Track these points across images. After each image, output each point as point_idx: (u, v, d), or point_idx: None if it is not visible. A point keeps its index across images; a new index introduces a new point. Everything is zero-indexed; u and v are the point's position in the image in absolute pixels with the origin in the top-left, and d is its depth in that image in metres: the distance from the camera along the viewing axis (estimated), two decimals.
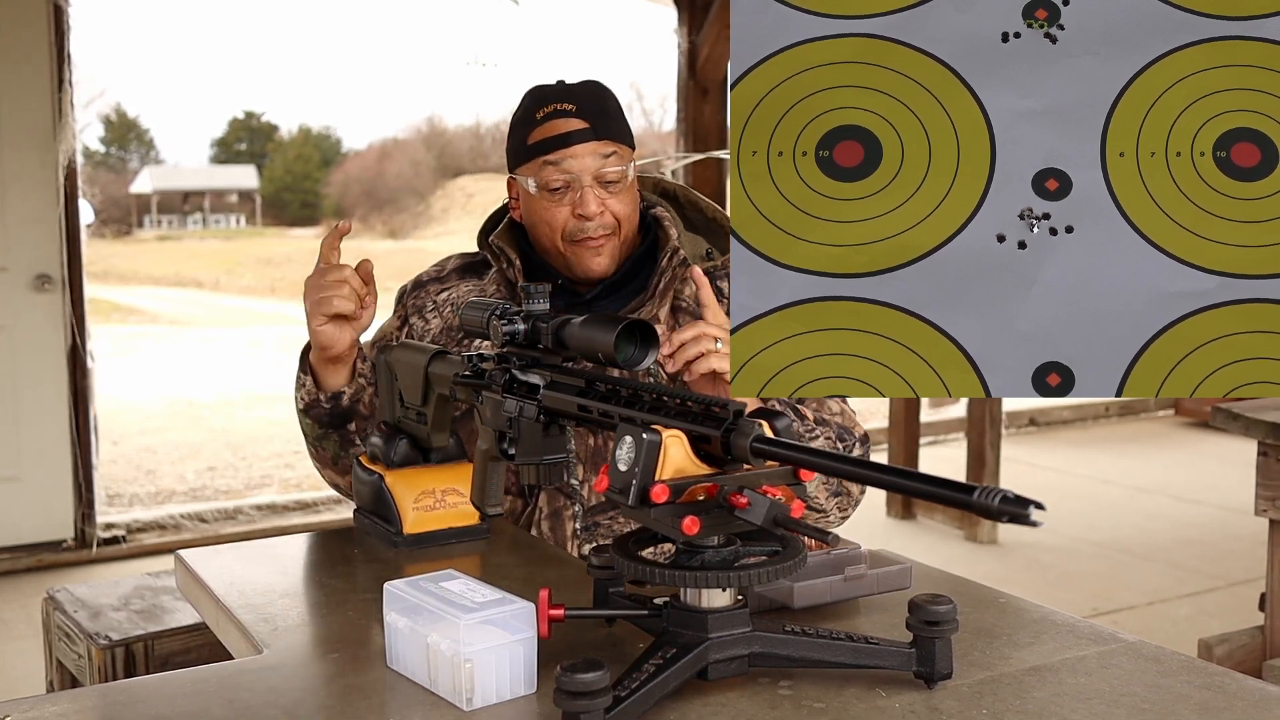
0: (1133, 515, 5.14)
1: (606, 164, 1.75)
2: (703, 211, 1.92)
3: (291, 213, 48.14)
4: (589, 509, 1.75)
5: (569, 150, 1.74)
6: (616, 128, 1.77)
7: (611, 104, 1.79)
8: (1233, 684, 1.11)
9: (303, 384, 1.80)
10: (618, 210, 1.77)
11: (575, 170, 1.74)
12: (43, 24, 4.34)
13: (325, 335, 1.71)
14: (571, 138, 1.74)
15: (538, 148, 1.76)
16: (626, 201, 1.78)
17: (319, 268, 1.71)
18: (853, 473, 0.97)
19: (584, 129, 1.74)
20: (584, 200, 1.74)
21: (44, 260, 4.42)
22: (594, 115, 1.76)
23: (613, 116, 1.78)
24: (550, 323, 1.34)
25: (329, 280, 1.68)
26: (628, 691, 1.01)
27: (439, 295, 1.91)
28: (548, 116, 1.76)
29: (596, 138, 1.74)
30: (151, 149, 56.23)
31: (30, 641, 3.66)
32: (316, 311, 1.69)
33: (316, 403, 1.78)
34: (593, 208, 1.74)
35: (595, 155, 1.74)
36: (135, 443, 7.82)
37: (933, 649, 1.10)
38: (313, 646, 1.25)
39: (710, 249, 1.87)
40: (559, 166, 1.74)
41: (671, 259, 1.80)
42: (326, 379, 1.78)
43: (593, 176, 1.74)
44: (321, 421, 1.80)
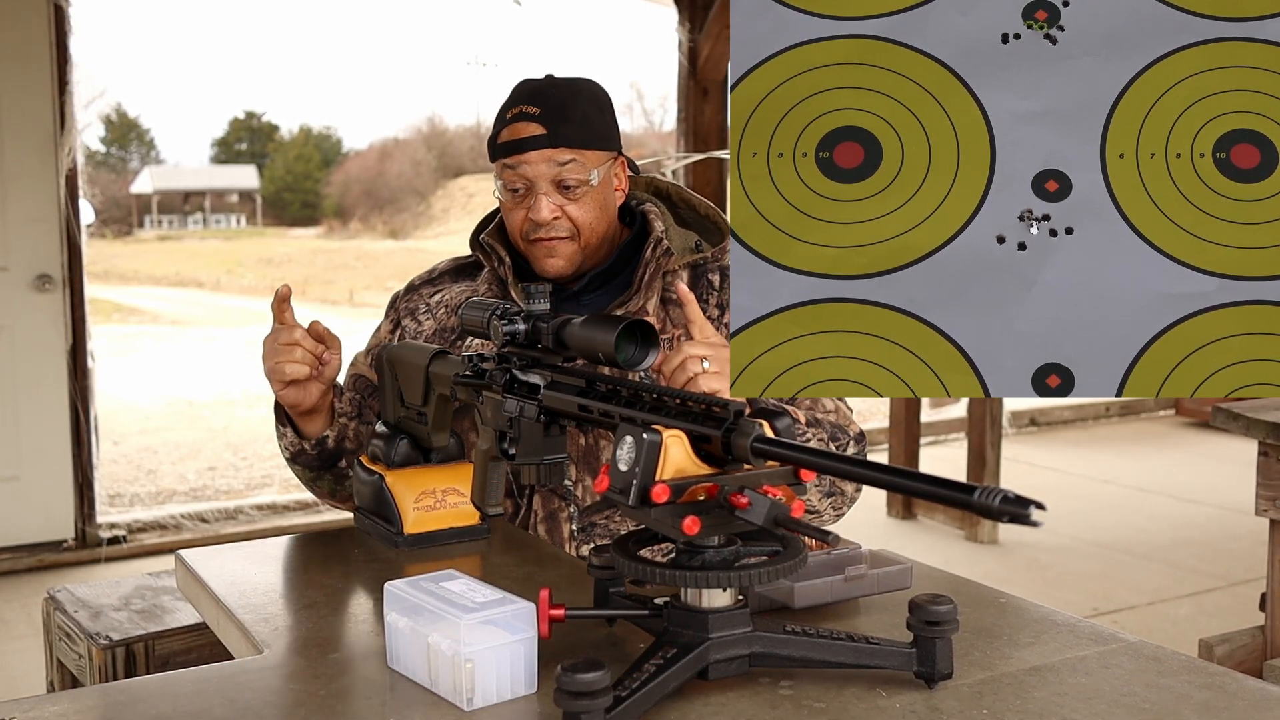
0: (1133, 515, 5.14)
1: (562, 171, 1.73)
2: (695, 209, 1.92)
3: (292, 213, 48.15)
4: (584, 510, 1.75)
5: (523, 156, 1.74)
6: (579, 134, 1.75)
7: (580, 109, 1.76)
8: (1233, 684, 1.11)
9: (283, 435, 1.80)
10: (576, 216, 1.75)
11: (530, 176, 1.74)
12: (43, 24, 4.34)
13: (289, 398, 1.71)
14: (527, 144, 1.73)
15: (501, 149, 1.77)
16: (589, 208, 1.76)
17: (272, 329, 1.69)
18: (853, 473, 0.97)
19: (540, 135, 1.73)
20: (536, 206, 1.74)
21: (44, 260, 4.42)
22: (555, 121, 1.74)
23: (576, 123, 1.75)
24: (551, 323, 1.34)
25: (280, 345, 1.67)
26: (628, 691, 1.01)
27: (432, 297, 1.91)
28: (514, 118, 1.76)
29: (552, 145, 1.73)
30: (152, 149, 56.26)
31: (30, 641, 3.67)
32: (273, 379, 1.69)
33: (302, 451, 1.79)
34: (544, 214, 1.73)
35: (550, 163, 1.73)
36: (135, 443, 7.82)
37: (933, 649, 1.10)
38: (313, 646, 1.25)
39: (699, 240, 1.86)
40: (515, 171, 1.75)
41: (655, 250, 1.79)
42: (305, 428, 1.78)
43: (549, 182, 1.74)
44: (311, 467, 1.81)
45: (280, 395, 1.72)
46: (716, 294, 1.83)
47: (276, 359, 1.67)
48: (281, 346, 1.67)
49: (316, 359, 1.69)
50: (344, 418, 1.81)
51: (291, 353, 1.67)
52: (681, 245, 1.85)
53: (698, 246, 1.85)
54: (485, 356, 1.48)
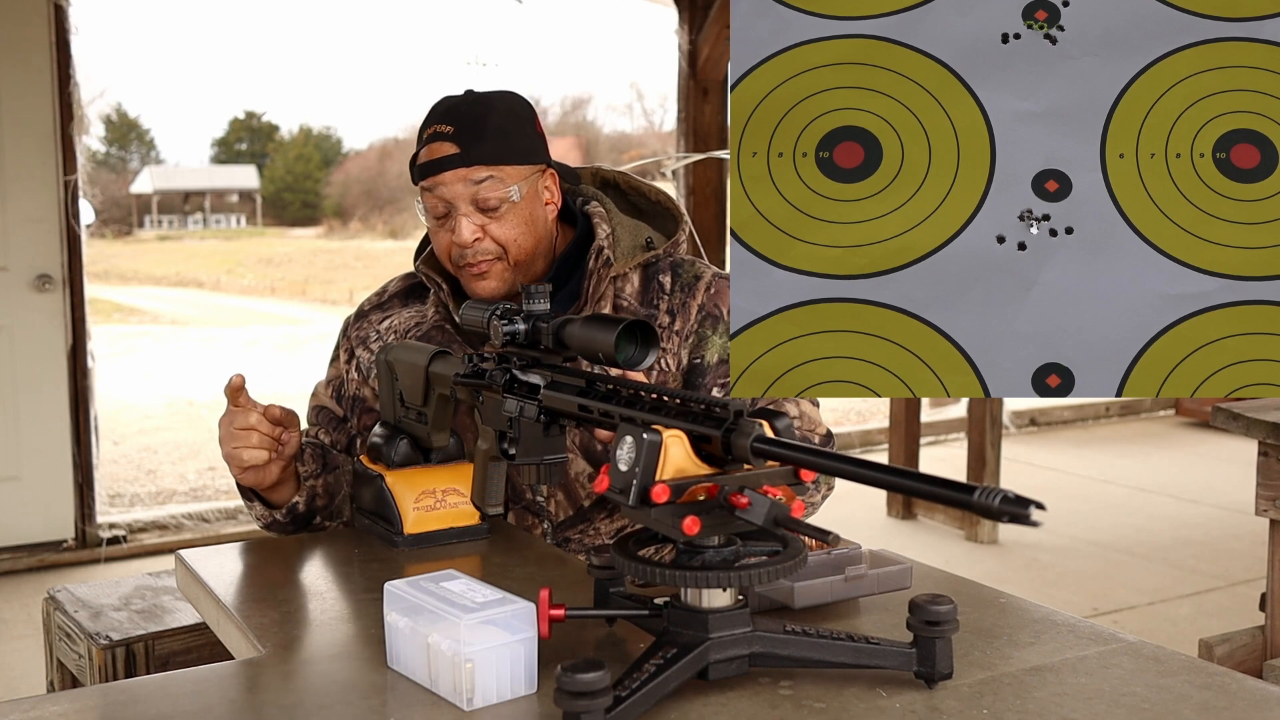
0: (1132, 515, 5.14)
1: (480, 189, 1.67)
2: (646, 195, 1.87)
3: (292, 213, 48.16)
4: (558, 525, 1.74)
5: (439, 177, 1.68)
6: (494, 150, 1.68)
7: (496, 122, 1.69)
8: (1233, 684, 1.11)
9: (252, 508, 1.76)
10: (500, 235, 1.69)
11: (448, 197, 1.69)
12: (43, 23, 4.34)
13: (249, 479, 1.67)
14: (442, 164, 1.68)
15: (418, 171, 1.72)
16: (513, 224, 1.70)
17: (227, 412, 1.64)
18: (853, 473, 0.97)
19: (453, 155, 1.67)
20: (457, 228, 1.68)
21: (44, 260, 4.42)
22: (468, 139, 1.68)
23: (491, 138, 1.68)
24: (551, 323, 1.34)
25: (236, 430, 1.62)
26: (628, 691, 1.01)
27: (381, 324, 1.86)
28: (429, 139, 1.71)
29: (466, 164, 1.67)
30: (152, 149, 56.28)
31: (30, 641, 3.67)
32: (231, 464, 1.64)
33: (274, 522, 1.75)
34: (466, 236, 1.68)
35: (465, 182, 1.67)
36: (135, 442, 7.82)
37: (933, 649, 1.10)
38: (313, 646, 1.25)
39: (650, 237, 1.81)
40: (434, 194, 1.70)
41: (597, 259, 1.74)
42: (273, 498, 1.73)
43: (468, 203, 1.68)
44: (286, 531, 1.77)
45: (239, 478, 1.67)
46: (667, 298, 1.78)
47: (234, 444, 1.62)
48: (238, 431, 1.62)
49: (275, 440, 1.64)
50: (310, 479, 1.74)
51: (248, 438, 1.62)
52: (631, 243, 1.79)
53: (648, 244, 1.80)
54: (485, 356, 1.48)
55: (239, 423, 1.62)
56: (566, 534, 1.74)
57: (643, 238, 1.80)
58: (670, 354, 1.75)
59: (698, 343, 1.76)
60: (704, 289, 1.77)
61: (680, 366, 1.75)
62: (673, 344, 1.75)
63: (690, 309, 1.76)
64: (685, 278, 1.79)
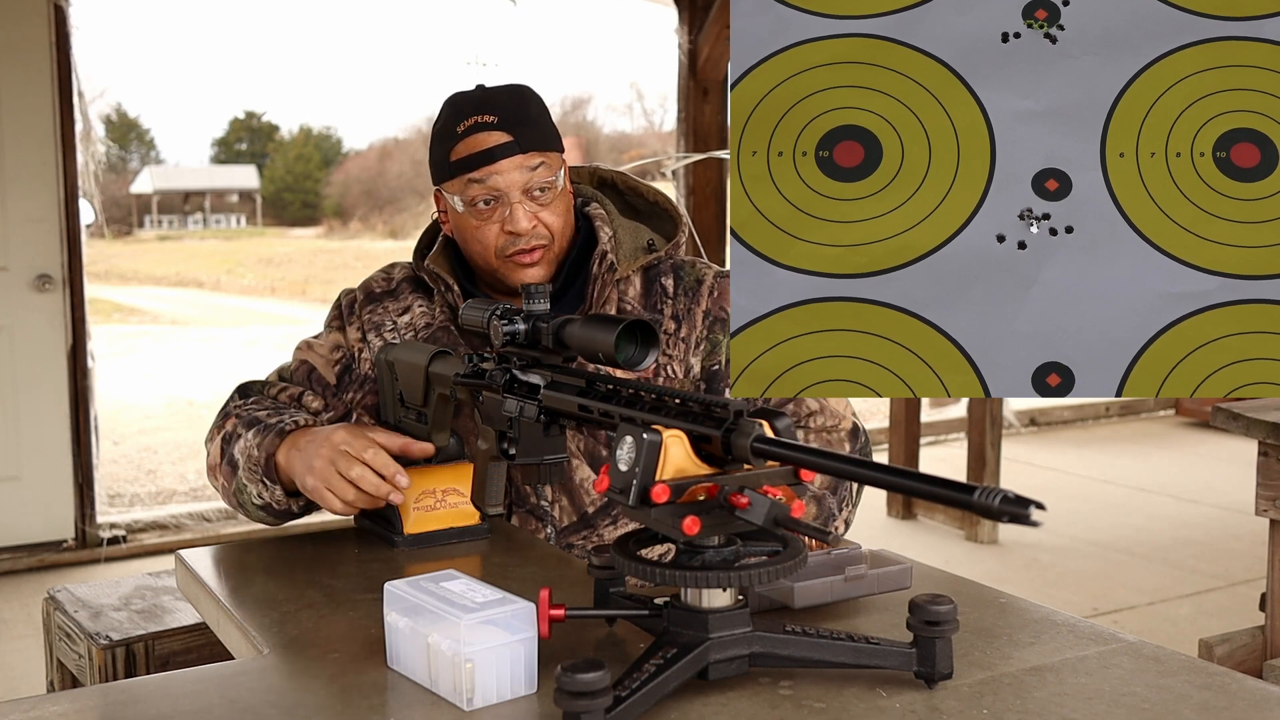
0: (1133, 515, 5.14)
1: (534, 176, 1.66)
2: (644, 196, 1.86)
3: (292, 213, 48.16)
4: (561, 530, 1.74)
5: (494, 167, 1.65)
6: (542, 135, 1.68)
7: (535, 109, 1.70)
8: (1233, 684, 1.11)
9: (264, 489, 1.63)
10: (550, 222, 1.69)
11: (502, 187, 1.66)
12: (43, 24, 4.33)
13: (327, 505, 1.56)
14: (495, 153, 1.65)
15: (461, 165, 1.67)
16: (559, 211, 1.70)
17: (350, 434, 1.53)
18: (853, 473, 0.97)
19: (507, 142, 1.65)
20: (514, 218, 1.66)
21: (44, 260, 4.42)
22: (517, 125, 1.67)
23: (537, 124, 1.69)
24: (551, 323, 1.34)
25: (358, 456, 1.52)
26: (628, 691, 1.01)
27: (400, 317, 1.80)
28: (469, 130, 1.67)
29: (522, 150, 1.66)
30: (152, 149, 56.31)
31: (30, 641, 3.66)
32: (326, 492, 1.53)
33: (287, 512, 1.66)
34: (524, 224, 1.66)
35: (522, 169, 1.66)
36: (135, 442, 7.82)
37: (933, 649, 1.10)
38: (313, 646, 1.25)
39: (651, 239, 1.79)
40: (485, 184, 1.66)
41: (600, 264, 1.73)
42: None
43: (521, 191, 1.67)
44: (283, 520, 1.68)
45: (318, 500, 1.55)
46: (671, 302, 1.76)
47: (351, 471, 1.52)
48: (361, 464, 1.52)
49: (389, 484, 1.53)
50: None
51: (364, 477, 1.52)
52: (632, 245, 1.78)
53: (650, 246, 1.78)
54: (485, 356, 1.48)
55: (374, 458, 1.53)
56: (570, 539, 1.73)
57: (644, 240, 1.79)
58: (677, 360, 1.74)
59: (711, 349, 1.75)
60: (707, 293, 1.76)
61: (690, 374, 1.74)
62: (678, 351, 1.74)
63: (696, 315, 1.75)
64: (688, 281, 1.78)
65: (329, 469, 1.53)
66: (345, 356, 1.80)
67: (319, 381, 1.79)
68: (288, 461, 1.59)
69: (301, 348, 1.83)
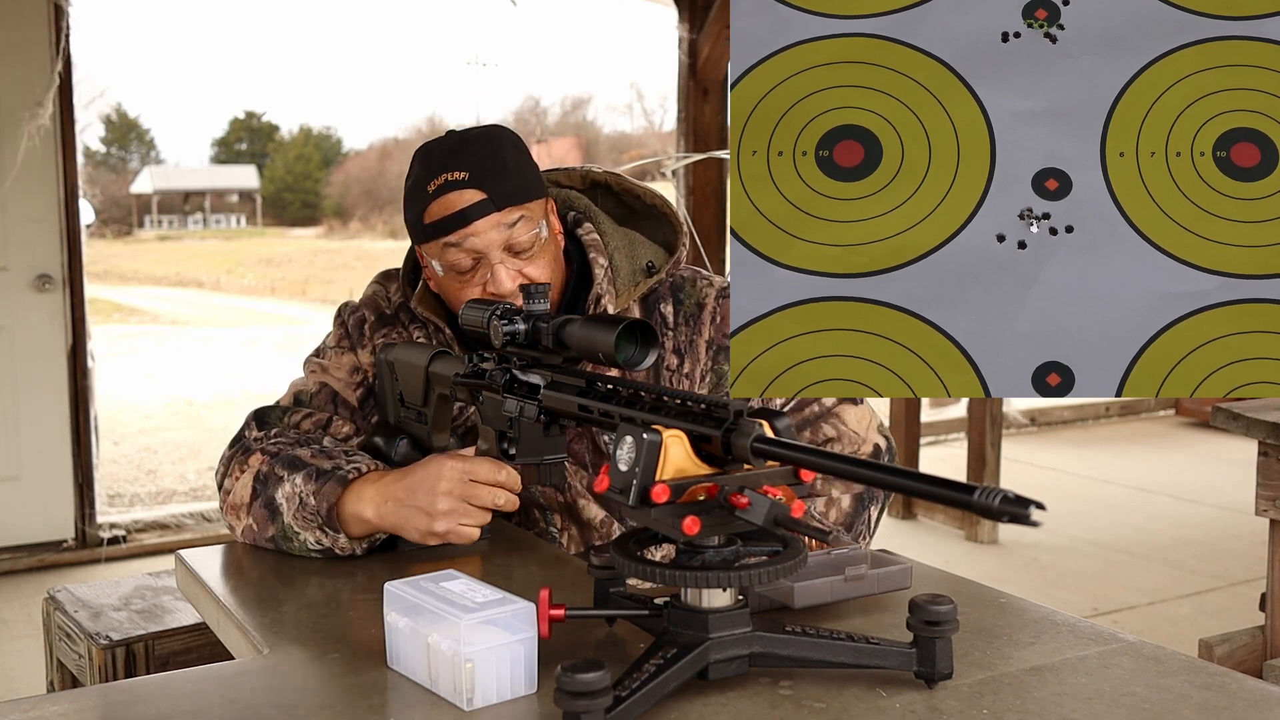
0: (1133, 515, 5.14)
1: (514, 233, 1.57)
2: (641, 198, 1.76)
3: (292, 213, 48.16)
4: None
5: (469, 229, 1.56)
6: (519, 186, 1.58)
7: (510, 158, 1.59)
8: (1233, 684, 1.11)
9: (323, 535, 1.54)
10: (537, 276, 1.59)
11: (481, 248, 1.56)
12: (43, 24, 4.33)
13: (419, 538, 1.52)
14: (470, 214, 1.55)
15: (435, 228, 1.57)
16: (546, 261, 1.61)
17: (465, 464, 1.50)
18: (853, 473, 0.97)
19: (481, 201, 1.55)
20: (497, 279, 1.57)
21: (44, 260, 4.42)
22: (491, 180, 1.56)
23: (513, 175, 1.58)
24: (551, 323, 1.34)
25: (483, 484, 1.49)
26: (628, 691, 1.01)
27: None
28: (440, 190, 1.56)
29: (497, 208, 1.56)
30: (152, 149, 56.31)
31: (30, 641, 3.66)
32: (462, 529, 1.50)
33: (352, 555, 1.56)
34: (507, 285, 1.56)
35: (499, 227, 1.56)
36: (135, 442, 7.82)
37: (933, 649, 1.10)
38: (313, 646, 1.25)
39: (651, 263, 1.69)
40: (462, 247, 1.56)
41: (596, 306, 1.65)
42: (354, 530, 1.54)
43: (502, 250, 1.57)
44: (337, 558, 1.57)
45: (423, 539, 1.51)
46: (672, 334, 1.68)
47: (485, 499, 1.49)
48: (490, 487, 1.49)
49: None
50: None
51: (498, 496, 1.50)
52: (630, 270, 1.68)
53: (649, 269, 1.69)
54: (485, 357, 1.48)
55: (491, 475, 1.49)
56: None
57: (642, 261, 1.70)
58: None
59: (717, 381, 1.67)
60: (709, 319, 1.68)
61: None
62: (684, 387, 1.67)
63: (699, 347, 1.68)
64: (688, 306, 1.69)
65: (460, 505, 1.50)
66: (364, 379, 1.74)
67: (345, 405, 1.72)
68: (363, 511, 1.51)
69: (315, 369, 1.75)
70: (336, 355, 1.75)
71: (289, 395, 1.74)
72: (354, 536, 1.54)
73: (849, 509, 1.64)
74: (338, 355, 1.75)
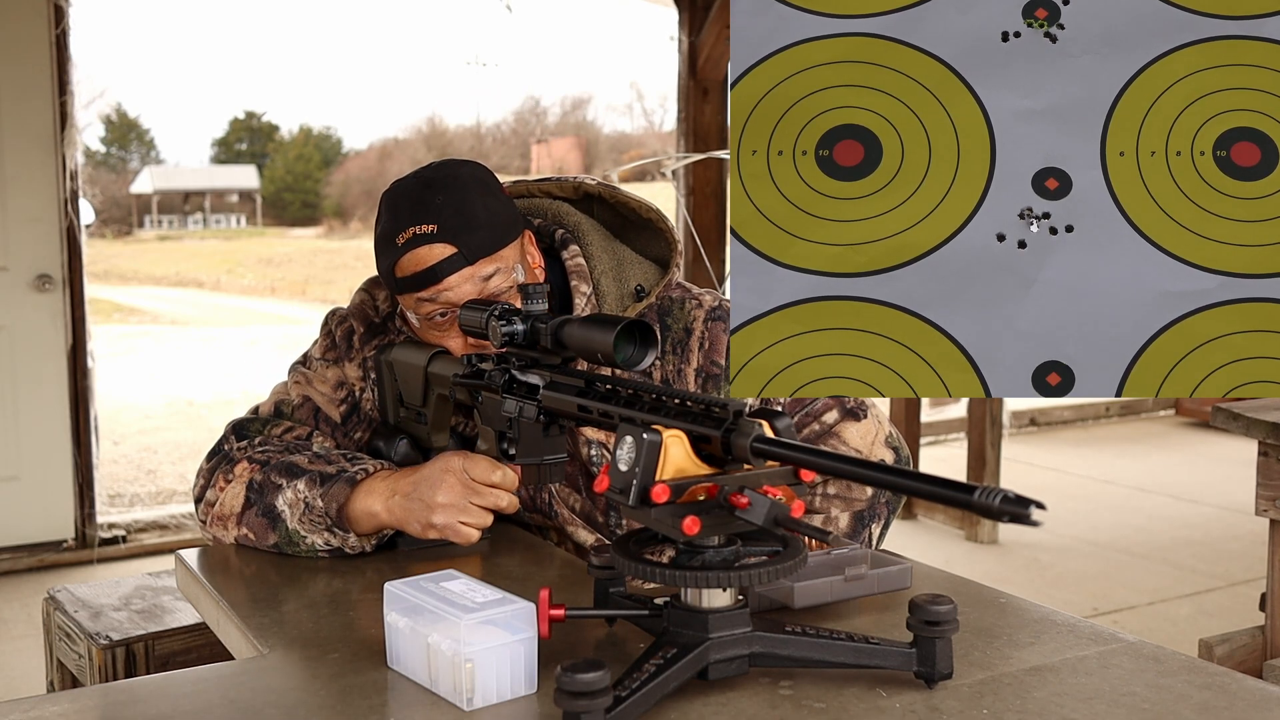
0: (1133, 515, 5.14)
1: (489, 285, 1.53)
2: (635, 210, 1.72)
3: (292, 213, 48.15)
4: None
5: (441, 285, 1.52)
6: (489, 238, 1.52)
7: (478, 206, 1.53)
8: (1233, 684, 1.11)
9: (333, 537, 1.54)
10: None
11: (455, 300, 1.52)
12: (43, 24, 4.33)
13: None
14: (440, 270, 1.51)
15: (408, 284, 1.53)
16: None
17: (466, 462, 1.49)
18: (854, 473, 0.96)
19: (452, 256, 1.50)
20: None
21: (44, 260, 4.42)
22: (461, 233, 1.51)
23: (485, 224, 1.52)
24: (549, 323, 1.34)
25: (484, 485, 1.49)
26: (628, 691, 1.01)
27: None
28: (409, 244, 1.51)
29: (469, 261, 1.51)
30: (152, 149, 56.28)
31: (30, 641, 3.66)
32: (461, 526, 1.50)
33: (362, 554, 1.57)
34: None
35: (473, 280, 1.52)
36: (135, 442, 7.82)
37: (933, 649, 1.10)
38: (313, 646, 1.25)
39: (640, 286, 1.66)
40: (436, 301, 1.53)
41: None
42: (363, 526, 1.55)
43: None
44: (346, 556, 1.58)
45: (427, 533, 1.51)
46: (660, 363, 1.64)
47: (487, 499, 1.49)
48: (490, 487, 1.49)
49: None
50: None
51: (499, 497, 1.50)
52: (618, 295, 1.65)
53: (639, 293, 1.65)
54: (485, 357, 1.48)
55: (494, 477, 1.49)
56: None
57: (631, 284, 1.65)
58: None
59: None
60: (698, 346, 1.64)
61: None
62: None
63: (688, 376, 1.64)
64: (676, 331, 1.65)
65: (461, 503, 1.49)
66: (349, 395, 1.71)
67: (327, 421, 1.70)
68: (372, 505, 1.52)
69: (300, 379, 1.72)
70: (322, 368, 1.73)
71: (270, 403, 1.72)
72: (363, 534, 1.54)
73: (847, 528, 1.64)
74: (323, 368, 1.72)
